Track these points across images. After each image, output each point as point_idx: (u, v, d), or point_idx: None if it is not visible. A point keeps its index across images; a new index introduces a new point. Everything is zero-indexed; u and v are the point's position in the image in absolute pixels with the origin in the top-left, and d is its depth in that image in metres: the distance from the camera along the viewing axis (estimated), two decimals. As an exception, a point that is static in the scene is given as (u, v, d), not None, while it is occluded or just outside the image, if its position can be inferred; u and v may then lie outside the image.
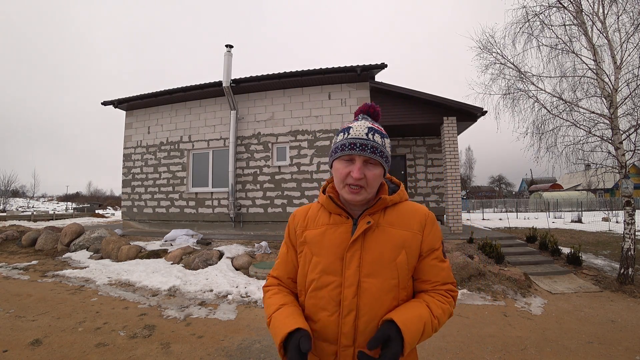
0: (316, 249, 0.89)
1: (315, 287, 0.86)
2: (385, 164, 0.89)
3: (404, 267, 0.85)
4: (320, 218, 0.93)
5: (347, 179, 0.85)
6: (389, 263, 0.84)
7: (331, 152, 0.92)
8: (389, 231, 0.87)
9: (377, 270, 0.84)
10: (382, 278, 0.83)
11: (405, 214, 0.90)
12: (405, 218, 0.89)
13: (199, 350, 2.77)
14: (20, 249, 7.28)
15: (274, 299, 0.91)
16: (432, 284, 0.89)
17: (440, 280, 0.89)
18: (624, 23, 4.88)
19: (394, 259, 0.84)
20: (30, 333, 3.01)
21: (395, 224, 0.88)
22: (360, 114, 0.98)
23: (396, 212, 0.90)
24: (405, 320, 0.77)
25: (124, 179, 9.75)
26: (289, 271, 0.97)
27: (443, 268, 0.90)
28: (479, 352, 2.78)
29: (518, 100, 5.81)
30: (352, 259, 0.84)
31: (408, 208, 0.92)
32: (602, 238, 8.76)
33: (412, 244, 0.87)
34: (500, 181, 50.94)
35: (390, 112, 8.07)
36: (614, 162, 5.06)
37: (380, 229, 0.87)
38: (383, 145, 0.87)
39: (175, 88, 8.65)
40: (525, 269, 5.14)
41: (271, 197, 8.11)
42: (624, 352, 2.77)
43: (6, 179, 28.29)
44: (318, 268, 0.87)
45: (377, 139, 0.86)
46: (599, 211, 20.58)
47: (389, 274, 0.84)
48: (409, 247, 0.86)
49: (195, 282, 4.65)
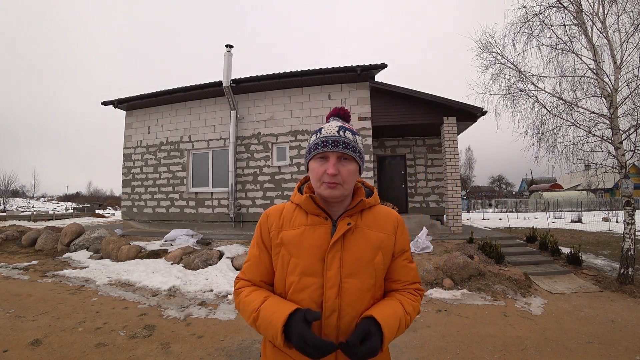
0: (294, 250, 0.87)
1: (295, 289, 0.85)
2: (359, 160, 0.90)
3: (380, 267, 0.89)
4: (297, 218, 0.91)
5: (323, 177, 0.86)
6: (368, 263, 0.87)
7: (306, 154, 0.95)
8: (367, 233, 0.90)
9: (357, 270, 0.85)
10: (361, 278, 0.86)
11: (380, 216, 0.94)
12: (380, 221, 0.93)
13: (199, 350, 2.77)
14: (20, 249, 7.28)
15: (255, 295, 0.87)
16: (402, 283, 0.94)
17: (409, 279, 0.95)
18: (624, 23, 4.88)
19: (372, 259, 0.88)
20: (30, 333, 3.01)
21: (372, 226, 0.91)
22: (332, 117, 0.99)
23: (372, 214, 0.94)
24: (384, 316, 0.80)
25: (124, 179, 9.75)
26: (262, 273, 0.93)
27: (412, 268, 0.96)
28: (479, 352, 2.77)
29: (518, 100, 5.82)
30: (333, 260, 0.85)
31: (382, 211, 0.97)
32: (602, 238, 8.76)
33: (387, 245, 0.91)
34: (500, 181, 50.95)
35: (390, 112, 8.07)
36: (614, 162, 5.06)
37: (359, 230, 0.89)
38: (354, 141, 0.90)
39: (175, 88, 8.65)
40: (525, 269, 5.14)
41: (271, 197, 8.11)
42: (624, 352, 2.77)
43: (6, 179, 28.34)
44: (297, 270, 0.86)
45: (348, 136, 0.89)
46: (599, 211, 20.59)
47: (368, 274, 0.87)
48: (384, 248, 0.90)
49: (195, 282, 4.65)
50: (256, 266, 0.94)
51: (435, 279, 4.61)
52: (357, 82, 7.86)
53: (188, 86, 8.50)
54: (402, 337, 3.02)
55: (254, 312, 0.83)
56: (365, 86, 7.84)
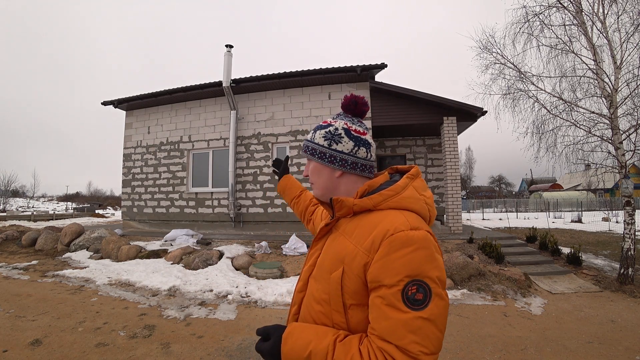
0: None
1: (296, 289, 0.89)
2: (318, 158, 0.82)
3: (335, 285, 0.69)
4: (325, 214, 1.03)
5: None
6: (325, 274, 0.73)
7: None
8: (339, 240, 0.75)
9: (319, 276, 0.75)
10: (319, 286, 0.74)
11: (366, 224, 0.71)
12: (363, 229, 0.71)
13: (199, 350, 2.77)
14: (20, 249, 7.28)
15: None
16: (370, 327, 0.64)
17: (376, 329, 0.61)
18: (624, 23, 4.88)
19: (330, 271, 0.71)
20: (30, 333, 3.01)
21: (348, 233, 0.73)
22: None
23: (364, 220, 0.73)
24: (293, 335, 0.68)
25: (124, 179, 9.75)
26: None
27: (388, 317, 0.60)
28: (479, 352, 2.77)
29: (518, 100, 5.82)
30: (311, 256, 0.84)
31: (376, 218, 0.70)
32: (602, 238, 8.76)
33: (352, 262, 0.68)
34: (500, 181, 50.95)
35: (390, 112, 8.07)
36: (614, 162, 5.06)
37: (335, 234, 0.78)
38: (312, 139, 0.83)
39: (175, 88, 8.65)
40: (525, 269, 5.14)
41: (271, 197, 8.11)
42: (624, 352, 2.77)
43: (6, 179, 28.36)
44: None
45: (308, 136, 0.87)
46: (599, 211, 20.57)
47: (322, 286, 0.73)
48: (348, 265, 0.68)
49: (195, 282, 4.65)
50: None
51: (435, 279, 4.61)
52: (357, 82, 7.86)
53: (188, 86, 8.49)
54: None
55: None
56: (366, 86, 7.83)
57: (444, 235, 7.27)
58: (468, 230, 7.71)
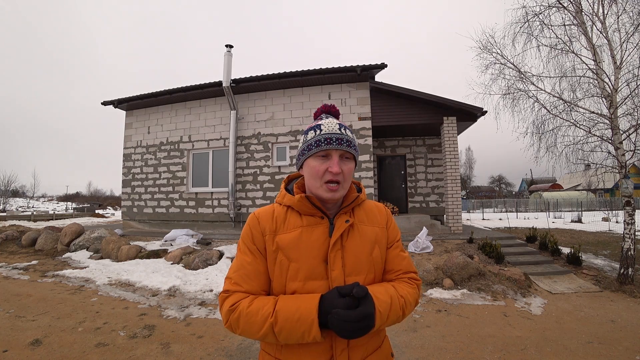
0: (294, 255, 0.82)
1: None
2: (357, 159, 0.93)
3: (378, 261, 0.89)
4: (290, 220, 0.86)
5: (325, 176, 0.84)
6: (367, 259, 0.87)
7: (302, 151, 0.89)
8: (362, 228, 0.90)
9: (358, 267, 0.85)
10: (362, 275, 0.85)
11: (371, 211, 0.95)
12: (372, 215, 0.94)
13: (199, 350, 2.77)
14: (20, 249, 7.28)
15: (258, 302, 0.78)
16: (396, 272, 0.92)
17: (402, 268, 0.93)
18: (624, 23, 4.88)
19: (370, 254, 0.87)
20: (30, 333, 3.01)
21: (365, 222, 0.92)
22: (322, 113, 0.97)
23: (363, 210, 0.94)
24: (373, 291, 0.79)
25: (124, 179, 9.75)
26: (262, 283, 0.84)
27: (404, 257, 0.95)
28: (479, 352, 2.77)
29: (518, 100, 5.81)
30: (335, 259, 0.82)
31: (371, 206, 0.97)
32: (602, 238, 8.76)
33: (381, 238, 0.92)
34: (500, 181, 50.98)
35: (390, 112, 8.07)
36: (614, 162, 5.06)
37: (355, 227, 0.89)
38: (354, 139, 0.90)
39: (175, 88, 8.65)
40: (525, 269, 5.14)
41: (271, 197, 8.11)
42: (624, 352, 2.77)
43: (6, 179, 28.31)
44: (300, 275, 0.81)
45: (349, 134, 0.88)
46: (599, 211, 20.58)
47: (367, 270, 0.87)
48: (379, 242, 0.91)
49: (195, 282, 4.65)
50: (254, 275, 0.83)
51: (435, 279, 4.62)
52: (357, 82, 7.86)
53: (188, 86, 8.50)
54: (402, 337, 3.02)
55: (270, 317, 0.74)
56: (365, 86, 7.84)
57: (444, 235, 7.27)
58: (468, 230, 7.71)
